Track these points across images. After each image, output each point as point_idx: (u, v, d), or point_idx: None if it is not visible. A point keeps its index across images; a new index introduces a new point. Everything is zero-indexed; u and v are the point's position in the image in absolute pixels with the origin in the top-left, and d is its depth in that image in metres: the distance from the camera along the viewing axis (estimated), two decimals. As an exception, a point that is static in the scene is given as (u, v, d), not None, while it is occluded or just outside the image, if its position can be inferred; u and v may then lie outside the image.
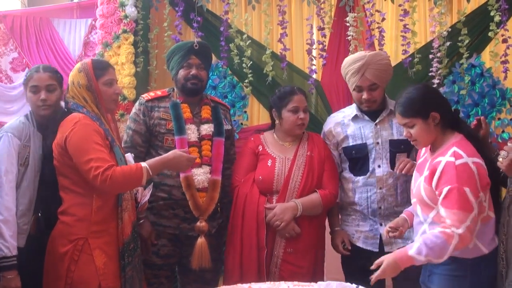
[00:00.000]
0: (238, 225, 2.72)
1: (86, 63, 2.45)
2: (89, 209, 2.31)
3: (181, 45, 2.90)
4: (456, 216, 2.07)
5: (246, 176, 2.78)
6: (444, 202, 2.12)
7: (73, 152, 2.28)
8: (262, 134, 2.92)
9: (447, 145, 2.23)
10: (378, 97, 2.74)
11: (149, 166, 2.37)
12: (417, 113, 2.23)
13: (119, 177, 2.26)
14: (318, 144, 2.85)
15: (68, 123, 2.32)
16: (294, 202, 2.69)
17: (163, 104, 2.84)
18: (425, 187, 2.23)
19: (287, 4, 3.67)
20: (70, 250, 2.27)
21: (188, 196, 2.70)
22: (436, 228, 2.12)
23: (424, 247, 2.08)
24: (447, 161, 2.15)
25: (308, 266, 2.72)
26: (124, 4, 3.61)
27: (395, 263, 2.10)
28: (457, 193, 2.09)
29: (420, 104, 2.23)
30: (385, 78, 2.77)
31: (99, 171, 2.23)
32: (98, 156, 2.26)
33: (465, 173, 2.12)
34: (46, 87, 2.49)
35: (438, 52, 3.29)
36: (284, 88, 2.89)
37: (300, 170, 2.76)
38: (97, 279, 2.27)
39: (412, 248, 2.10)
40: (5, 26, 3.97)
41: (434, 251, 2.07)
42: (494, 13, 3.16)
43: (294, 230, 2.68)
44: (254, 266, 2.66)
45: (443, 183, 2.13)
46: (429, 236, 2.11)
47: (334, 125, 2.87)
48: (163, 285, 2.83)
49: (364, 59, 2.68)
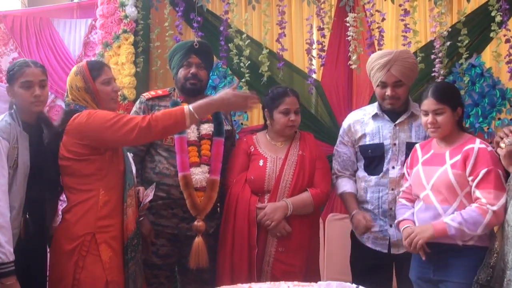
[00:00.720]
0: (230, 225, 2.72)
1: (81, 66, 2.45)
2: (96, 204, 2.31)
3: (181, 44, 2.90)
4: (492, 194, 2.21)
5: (239, 176, 2.78)
6: (480, 183, 2.25)
7: (100, 133, 2.28)
8: (255, 134, 2.93)
9: (466, 139, 2.40)
10: (402, 95, 2.69)
11: (193, 107, 2.31)
12: (450, 102, 2.39)
13: (160, 117, 2.29)
14: (310, 143, 2.86)
15: (81, 117, 2.31)
16: (285, 202, 2.69)
17: (163, 103, 2.84)
18: (455, 172, 2.31)
19: (287, 4, 3.68)
20: (78, 246, 2.27)
21: (186, 195, 2.70)
22: (472, 205, 2.26)
23: (459, 216, 2.24)
24: (480, 147, 2.31)
25: (300, 264, 2.71)
26: (124, 4, 3.62)
27: (429, 225, 2.30)
28: (494, 174, 2.24)
29: (455, 96, 2.45)
30: (411, 77, 2.72)
31: (138, 124, 2.26)
32: (128, 118, 2.31)
33: (496, 158, 2.28)
34: (40, 83, 2.42)
35: (439, 52, 3.29)
36: (277, 89, 2.89)
37: (291, 169, 2.76)
38: (104, 273, 2.28)
39: (447, 217, 2.27)
40: (5, 26, 3.98)
41: (468, 221, 2.22)
42: (495, 13, 3.16)
43: (285, 229, 2.68)
44: (245, 265, 2.67)
45: (480, 166, 2.26)
46: (464, 210, 2.26)
47: (354, 122, 2.84)
48: (162, 285, 2.83)
49: (391, 54, 2.65)
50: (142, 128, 2.26)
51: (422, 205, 2.41)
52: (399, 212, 2.55)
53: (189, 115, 2.29)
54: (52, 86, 3.87)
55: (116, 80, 3.57)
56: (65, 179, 2.38)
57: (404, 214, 2.50)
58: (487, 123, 3.32)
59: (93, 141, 2.31)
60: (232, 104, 2.40)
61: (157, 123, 2.28)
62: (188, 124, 2.34)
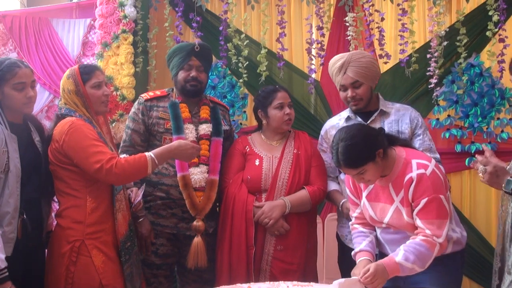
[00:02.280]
0: (228, 225, 2.73)
1: (73, 69, 2.47)
2: (84, 211, 2.34)
3: (182, 46, 2.89)
4: (435, 225, 2.11)
5: (235, 176, 2.79)
6: (421, 213, 2.14)
7: (73, 153, 2.31)
8: (249, 135, 2.93)
9: (400, 163, 2.21)
10: (363, 95, 2.71)
11: (154, 155, 2.39)
12: (366, 160, 2.15)
13: (124, 166, 2.31)
14: (304, 141, 2.87)
15: (63, 126, 2.34)
16: (283, 200, 2.70)
17: (162, 103, 2.85)
18: (407, 211, 2.19)
19: (287, 4, 3.68)
20: (67, 252, 2.29)
21: (185, 196, 2.71)
22: (418, 237, 2.13)
23: (411, 254, 2.09)
24: (418, 173, 2.15)
25: (298, 262, 2.72)
26: (123, 4, 3.62)
27: (384, 269, 2.09)
28: (435, 203, 2.12)
29: (367, 150, 2.16)
30: (369, 76, 2.71)
31: (101, 163, 2.27)
32: (99, 150, 2.31)
33: (438, 181, 2.15)
34: (31, 84, 2.41)
35: (436, 52, 3.29)
36: (266, 88, 2.92)
37: (287, 168, 2.77)
38: (97, 278, 2.30)
39: (398, 255, 2.11)
40: (4, 26, 3.97)
41: (420, 259, 2.09)
42: (493, 12, 3.17)
43: (283, 227, 2.69)
44: (243, 265, 2.68)
45: (420, 195, 2.14)
46: (412, 244, 2.12)
47: (330, 127, 2.89)
48: (162, 284, 2.83)
49: (344, 58, 2.72)
50: (103, 168, 2.27)
51: (386, 228, 2.33)
52: (356, 240, 2.40)
53: (151, 163, 2.36)
54: (50, 86, 3.88)
55: (115, 80, 3.62)
56: (56, 182, 2.40)
57: (361, 243, 2.35)
58: (486, 123, 3.33)
59: (66, 154, 2.33)
60: (181, 153, 2.47)
61: (119, 172, 2.29)
62: (150, 172, 2.39)
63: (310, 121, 3.60)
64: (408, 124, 2.71)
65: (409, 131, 2.70)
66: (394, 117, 2.74)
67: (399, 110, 2.77)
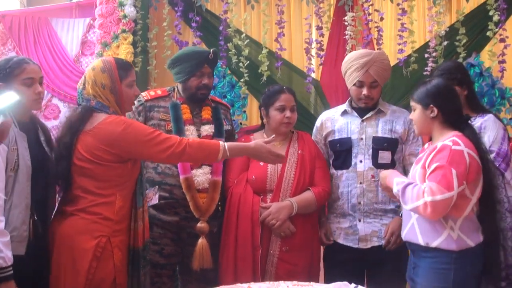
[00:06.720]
0: (233, 225, 2.71)
1: (109, 62, 2.37)
2: (113, 209, 2.31)
3: (196, 53, 2.82)
4: (433, 187, 2.15)
5: (239, 176, 2.78)
6: (429, 177, 2.22)
7: (133, 148, 2.28)
8: (252, 135, 2.92)
9: (446, 136, 2.30)
10: (376, 96, 2.80)
11: (227, 145, 2.41)
12: (419, 101, 2.37)
13: (196, 147, 2.34)
14: (308, 142, 2.88)
15: (114, 126, 2.28)
16: (290, 201, 2.70)
17: (163, 103, 2.82)
18: (420, 172, 2.29)
19: (286, 3, 3.68)
20: (93, 246, 2.25)
21: (189, 198, 2.70)
22: (423, 185, 2.22)
23: (402, 185, 2.26)
24: (443, 143, 2.24)
25: (304, 264, 2.72)
26: (123, 3, 3.61)
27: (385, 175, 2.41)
28: (443, 171, 2.17)
29: (424, 94, 2.37)
30: (385, 78, 2.83)
31: (172, 148, 2.29)
32: (164, 137, 2.33)
33: (457, 157, 2.20)
34: (40, 80, 2.36)
35: (434, 52, 3.30)
36: (273, 87, 2.92)
37: (292, 168, 2.78)
38: (113, 275, 2.29)
39: (399, 178, 2.33)
40: (3, 26, 3.96)
41: (404, 193, 2.24)
42: (493, 12, 3.17)
43: (289, 229, 2.69)
44: (249, 265, 2.67)
45: (435, 161, 2.22)
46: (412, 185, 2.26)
47: (326, 119, 2.95)
48: (165, 284, 2.82)
49: (370, 55, 2.74)
50: (175, 152, 2.31)
51: None
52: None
53: (222, 152, 2.38)
54: (48, 85, 3.87)
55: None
56: (81, 180, 2.31)
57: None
58: (486, 123, 3.32)
59: (123, 151, 2.30)
60: (263, 158, 2.53)
61: (190, 153, 2.33)
62: (219, 159, 2.43)
63: (310, 121, 3.59)
64: (402, 126, 2.79)
65: (403, 132, 2.79)
66: (389, 117, 2.82)
67: (395, 112, 2.86)
